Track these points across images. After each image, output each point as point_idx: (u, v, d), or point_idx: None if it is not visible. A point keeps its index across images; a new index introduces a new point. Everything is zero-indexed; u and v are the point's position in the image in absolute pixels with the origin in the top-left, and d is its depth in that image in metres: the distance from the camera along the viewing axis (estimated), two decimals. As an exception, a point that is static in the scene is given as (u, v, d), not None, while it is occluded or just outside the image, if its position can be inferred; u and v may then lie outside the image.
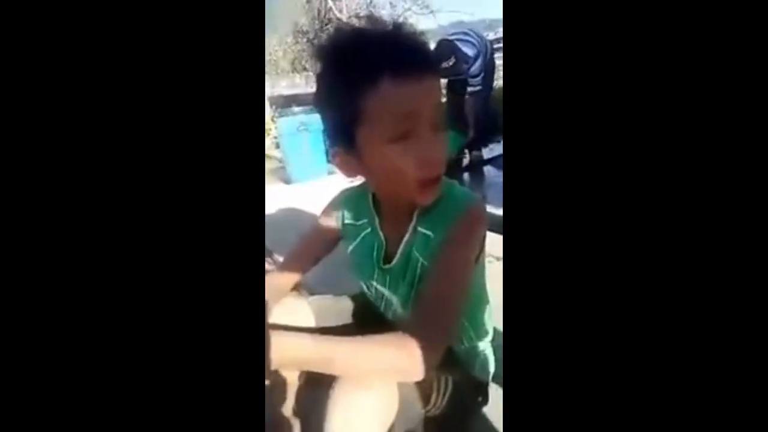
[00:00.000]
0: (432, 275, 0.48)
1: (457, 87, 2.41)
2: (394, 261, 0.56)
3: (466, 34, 2.40)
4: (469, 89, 2.45)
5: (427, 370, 0.42)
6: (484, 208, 0.52)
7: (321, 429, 0.41)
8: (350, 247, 0.62)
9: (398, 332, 0.43)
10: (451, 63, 2.22)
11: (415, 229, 0.53)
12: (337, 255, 0.66)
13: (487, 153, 2.80)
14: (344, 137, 0.47)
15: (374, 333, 0.43)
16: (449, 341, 0.46)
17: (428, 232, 0.52)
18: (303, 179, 2.94)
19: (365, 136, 0.45)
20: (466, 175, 1.94)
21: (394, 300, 0.60)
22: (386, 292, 0.60)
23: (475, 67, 2.39)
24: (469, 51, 2.34)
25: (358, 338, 0.43)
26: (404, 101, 0.41)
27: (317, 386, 0.45)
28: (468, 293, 0.48)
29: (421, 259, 0.53)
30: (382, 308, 0.63)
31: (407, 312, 0.57)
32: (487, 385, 0.67)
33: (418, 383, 0.48)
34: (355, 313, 0.68)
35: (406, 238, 0.54)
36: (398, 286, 0.57)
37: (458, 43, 2.32)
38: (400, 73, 0.41)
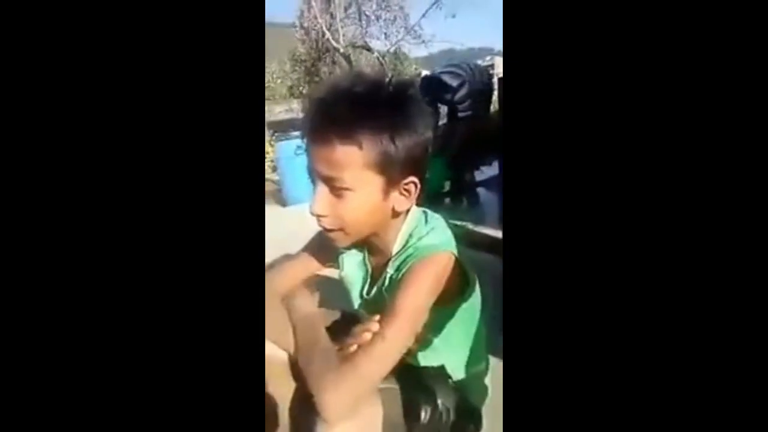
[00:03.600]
0: (381, 318, 0.49)
1: (448, 114, 2.51)
2: (371, 295, 0.59)
3: (450, 65, 2.52)
4: (460, 114, 2.54)
5: (335, 411, 0.43)
6: (450, 257, 0.53)
7: None
8: (341, 273, 0.64)
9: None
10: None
11: (386, 269, 0.56)
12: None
13: (479, 175, 2.83)
14: None
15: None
16: (372, 385, 0.46)
17: (393, 274, 0.54)
18: (299, 201, 2.95)
19: None
20: (447, 200, 1.98)
21: None
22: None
23: (460, 95, 2.50)
24: (453, 81, 2.46)
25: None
26: (314, 159, 0.49)
27: (310, 406, 0.45)
28: (409, 338, 0.48)
29: (386, 298, 0.54)
30: None
31: None
32: (479, 411, 0.66)
33: (405, 406, 0.50)
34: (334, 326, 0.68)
35: (380, 277, 0.57)
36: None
37: (442, 76, 2.43)
38: (316, 137, 0.48)
